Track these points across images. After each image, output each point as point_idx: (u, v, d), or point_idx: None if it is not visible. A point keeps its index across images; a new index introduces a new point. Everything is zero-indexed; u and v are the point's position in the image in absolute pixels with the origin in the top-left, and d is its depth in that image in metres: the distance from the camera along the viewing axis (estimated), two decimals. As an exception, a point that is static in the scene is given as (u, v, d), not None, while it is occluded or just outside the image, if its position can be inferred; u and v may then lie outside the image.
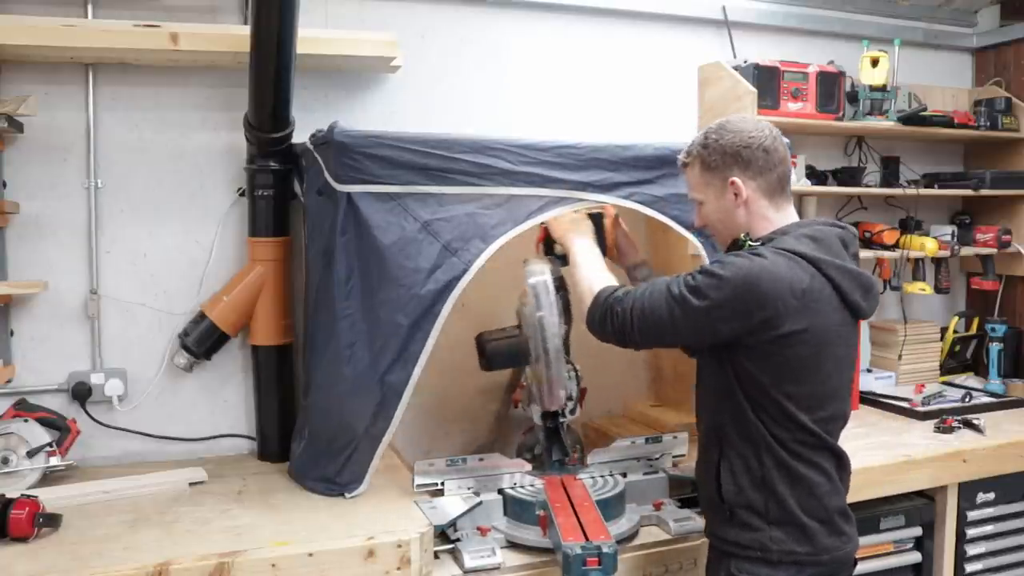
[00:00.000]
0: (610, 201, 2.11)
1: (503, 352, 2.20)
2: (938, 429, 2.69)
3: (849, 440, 1.77)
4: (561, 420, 2.20)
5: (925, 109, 3.16)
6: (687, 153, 1.79)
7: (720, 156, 1.71)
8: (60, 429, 2.15)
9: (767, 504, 1.66)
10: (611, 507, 2.00)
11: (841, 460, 1.74)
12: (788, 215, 1.75)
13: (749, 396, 1.65)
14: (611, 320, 1.71)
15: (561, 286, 2.12)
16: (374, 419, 2.01)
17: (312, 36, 2.24)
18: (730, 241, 1.78)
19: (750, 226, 1.73)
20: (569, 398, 2.16)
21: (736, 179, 1.70)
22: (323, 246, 2.06)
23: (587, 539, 1.75)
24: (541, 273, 2.04)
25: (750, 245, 1.69)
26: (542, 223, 2.10)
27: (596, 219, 2.14)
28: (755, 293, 1.57)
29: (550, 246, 2.16)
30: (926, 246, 3.07)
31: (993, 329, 3.20)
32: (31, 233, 2.29)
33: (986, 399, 3.03)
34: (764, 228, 1.72)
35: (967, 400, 2.97)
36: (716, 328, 1.62)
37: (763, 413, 1.65)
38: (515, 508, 2.01)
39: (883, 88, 3.01)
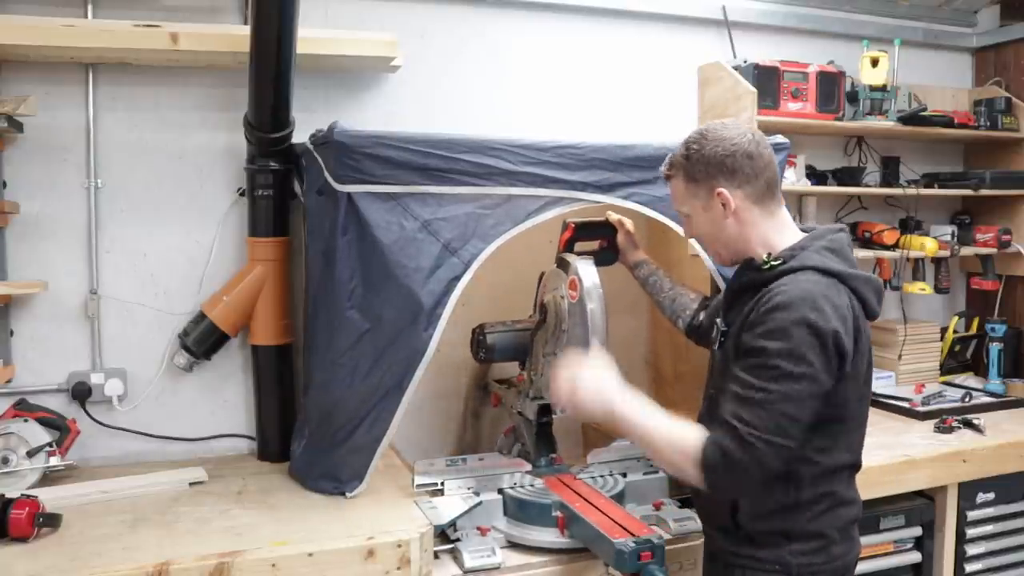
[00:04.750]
0: (610, 201, 2.11)
1: (505, 344, 2.20)
2: (938, 429, 2.68)
3: (849, 440, 1.77)
4: (552, 417, 2.19)
5: (925, 109, 3.16)
6: (669, 165, 1.73)
7: (704, 167, 1.65)
8: (60, 429, 2.15)
9: (792, 525, 1.62)
10: (611, 507, 2.00)
11: (858, 468, 1.72)
12: (781, 220, 1.69)
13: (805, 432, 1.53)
14: (739, 470, 1.49)
15: None
16: (374, 419, 2.01)
17: (312, 36, 2.24)
18: (725, 254, 1.72)
19: (742, 235, 1.66)
20: None
21: (723, 189, 1.64)
22: (323, 246, 2.06)
23: (631, 534, 1.75)
24: (593, 275, 1.98)
25: (772, 265, 1.61)
26: (569, 221, 2.05)
27: (604, 227, 2.12)
28: (827, 335, 1.48)
29: (572, 245, 2.14)
30: (926, 246, 3.07)
31: (993, 329, 3.20)
32: (31, 233, 2.29)
33: (986, 399, 3.03)
34: (761, 237, 1.66)
35: (967, 400, 2.96)
36: (825, 389, 1.51)
37: (812, 447, 1.57)
38: (523, 509, 1.99)
39: (883, 88, 3.01)
